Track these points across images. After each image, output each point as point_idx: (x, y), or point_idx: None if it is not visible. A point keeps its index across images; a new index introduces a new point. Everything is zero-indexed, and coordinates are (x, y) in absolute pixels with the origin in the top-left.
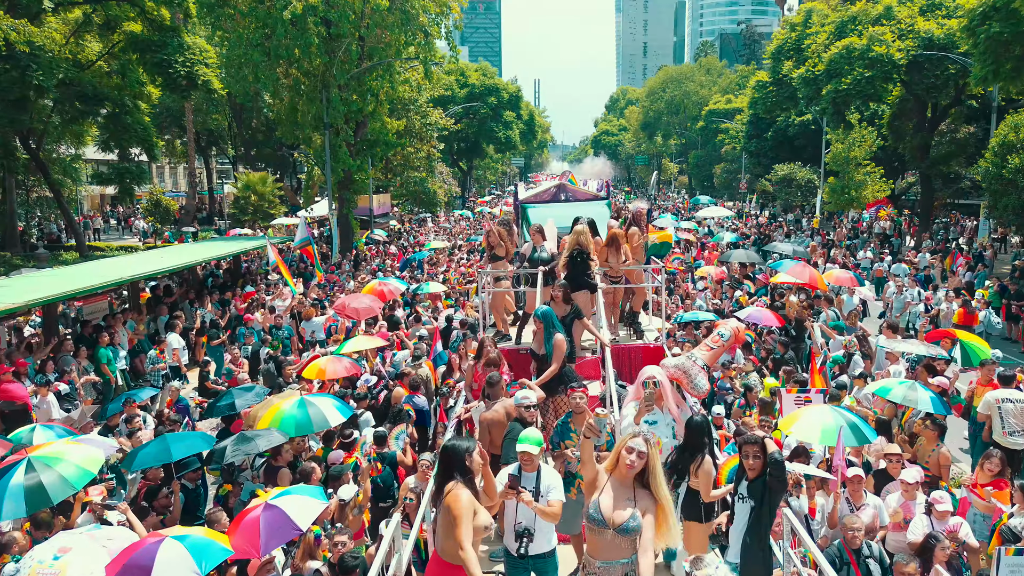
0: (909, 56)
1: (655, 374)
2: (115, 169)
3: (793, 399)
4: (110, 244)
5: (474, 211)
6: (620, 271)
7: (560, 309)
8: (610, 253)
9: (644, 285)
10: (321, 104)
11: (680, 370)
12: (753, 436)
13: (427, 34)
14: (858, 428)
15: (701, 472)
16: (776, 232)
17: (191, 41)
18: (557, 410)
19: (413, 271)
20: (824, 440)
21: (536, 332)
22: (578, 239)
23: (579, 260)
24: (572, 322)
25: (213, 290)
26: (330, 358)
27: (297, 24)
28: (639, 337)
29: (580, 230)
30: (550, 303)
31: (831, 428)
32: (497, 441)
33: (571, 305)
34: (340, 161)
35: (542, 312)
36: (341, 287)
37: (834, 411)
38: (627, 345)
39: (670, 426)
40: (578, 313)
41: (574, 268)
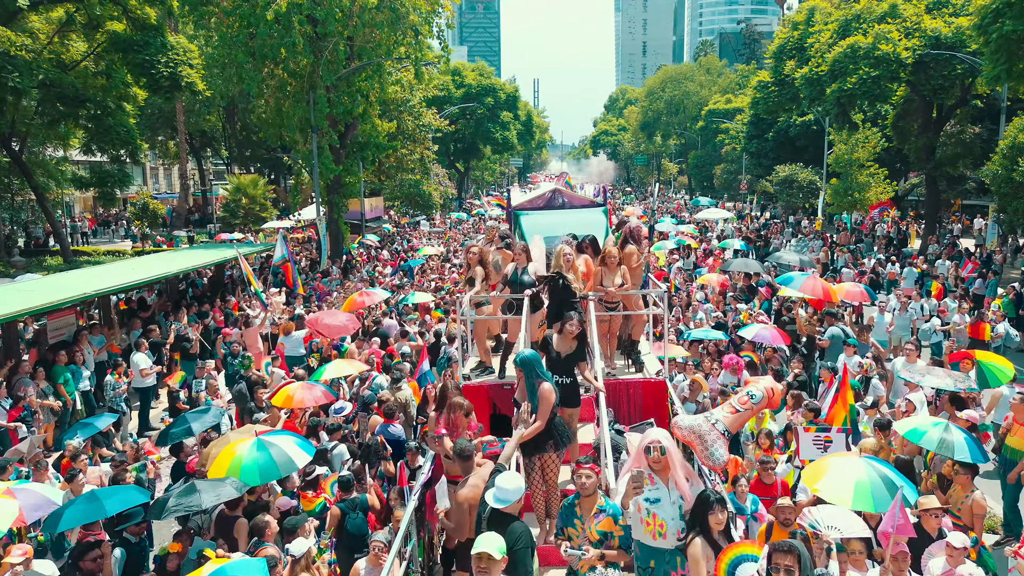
0: (916, 55)
1: (660, 439)
2: (96, 172)
3: (812, 440)
4: (98, 249)
5: (471, 212)
6: (616, 296)
7: (565, 345)
8: (604, 275)
9: (643, 312)
10: (307, 106)
11: (694, 434)
12: (786, 544)
13: (418, 33)
14: (888, 489)
15: (690, 557)
16: (776, 236)
17: (175, 41)
18: (545, 471)
19: (403, 279)
20: (859, 504)
21: (519, 380)
22: (557, 262)
23: (559, 286)
24: (575, 363)
25: (192, 301)
26: (301, 385)
27: (282, 22)
28: (638, 370)
29: (560, 251)
30: (550, 340)
31: (865, 488)
32: None
33: (579, 341)
34: (325, 166)
35: (522, 359)
36: (329, 294)
37: (867, 464)
38: (625, 379)
39: (677, 504)
40: (582, 352)
41: (554, 296)
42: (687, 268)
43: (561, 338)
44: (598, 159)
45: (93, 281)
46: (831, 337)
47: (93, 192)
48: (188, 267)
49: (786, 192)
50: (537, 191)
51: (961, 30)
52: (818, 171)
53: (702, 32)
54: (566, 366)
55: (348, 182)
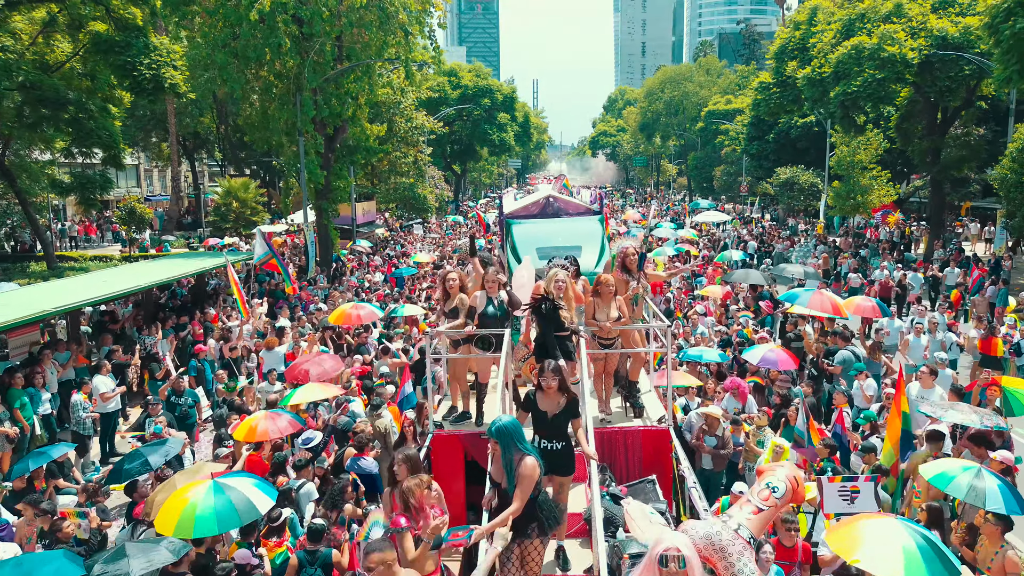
0: (922, 56)
1: (680, 546)
2: (77, 177)
3: (837, 491)
4: (84, 254)
5: (467, 216)
6: (612, 331)
7: (551, 402)
8: (597, 306)
9: (643, 350)
10: (293, 108)
11: (713, 547)
12: None
13: (408, 33)
14: (937, 555)
15: None
16: (778, 240)
17: (158, 42)
18: (526, 560)
19: (393, 288)
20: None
21: (493, 454)
22: (548, 287)
23: (547, 313)
24: (566, 423)
25: (170, 313)
26: (266, 414)
27: (266, 22)
28: (638, 415)
29: (553, 276)
30: (532, 397)
31: (915, 558)
32: None
33: (567, 396)
34: (311, 171)
35: (498, 429)
36: (313, 303)
37: (905, 527)
38: (622, 427)
39: None
40: (574, 409)
41: (541, 322)
42: (686, 276)
43: (544, 395)
44: (598, 160)
45: (60, 295)
46: (842, 362)
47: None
48: (165, 278)
49: (787, 195)
50: (530, 197)
51: (969, 30)
52: (819, 173)
53: (701, 32)
54: (555, 428)
55: (338, 187)
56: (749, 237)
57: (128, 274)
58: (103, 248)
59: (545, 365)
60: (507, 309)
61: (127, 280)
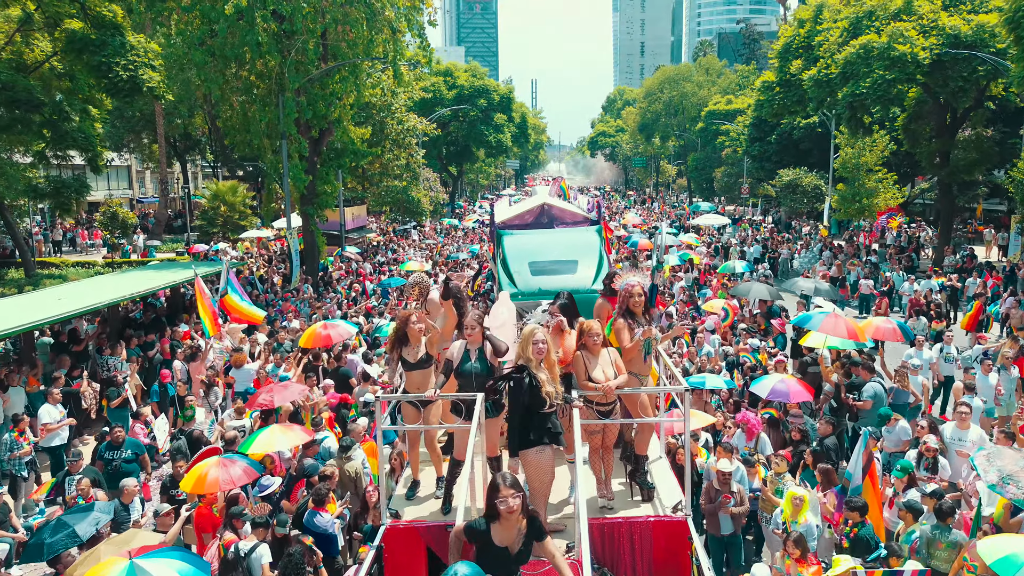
0: (933, 55)
1: None
2: (51, 182)
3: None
4: (66, 260)
5: (462, 220)
6: (611, 396)
7: (509, 533)
8: (589, 362)
9: (659, 420)
10: (275, 110)
11: None
12: None
13: (395, 31)
14: None
15: None
16: (784, 245)
17: (135, 41)
18: None
19: (380, 300)
20: None
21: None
22: (524, 351)
23: (523, 388)
24: (526, 558)
25: (138, 331)
26: (218, 461)
27: (245, 18)
28: (646, 498)
29: (530, 334)
30: (480, 530)
31: None
32: None
33: (526, 515)
34: (293, 176)
35: None
36: (298, 315)
37: None
38: (628, 518)
39: None
40: (538, 532)
41: (516, 399)
42: (688, 285)
43: (501, 524)
44: (597, 160)
45: (15, 313)
46: (872, 397)
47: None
48: (128, 295)
49: (790, 197)
50: (524, 205)
51: (983, 27)
52: (823, 175)
53: (700, 32)
54: (514, 568)
55: (324, 191)
56: (752, 241)
57: (89, 289)
58: (81, 254)
59: (499, 480)
60: (491, 365)
61: (85, 296)
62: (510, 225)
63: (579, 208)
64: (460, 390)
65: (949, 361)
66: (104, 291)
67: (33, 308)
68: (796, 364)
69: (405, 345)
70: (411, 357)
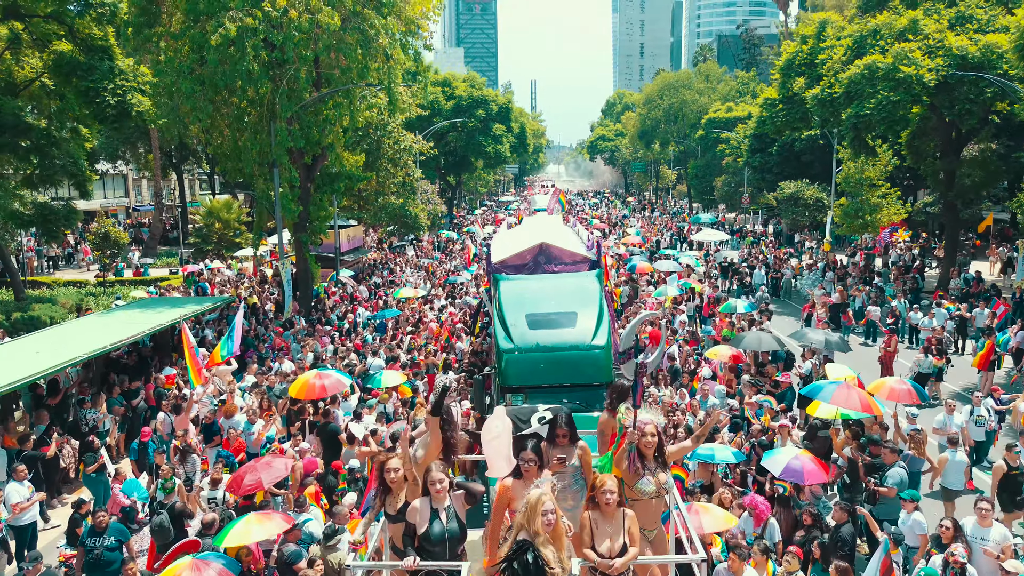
0: (940, 76)
1: None
2: (38, 208)
3: None
4: (58, 279)
5: (461, 232)
6: (622, 569)
7: None
8: (596, 527)
9: None
10: (267, 138)
11: None
12: None
13: (389, 57)
14: None
15: None
16: (785, 265)
17: (125, 65)
18: None
19: (373, 334)
20: None
21: None
22: (531, 523)
23: (533, 566)
24: None
25: (121, 376)
26: (191, 563)
27: (235, 46)
28: None
29: (536, 504)
30: None
31: None
32: None
33: None
34: (284, 205)
35: None
36: (287, 353)
37: None
38: None
39: None
40: None
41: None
42: (689, 313)
43: None
44: (597, 163)
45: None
46: (899, 484)
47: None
48: (115, 343)
49: (791, 210)
50: (522, 242)
51: (990, 48)
52: (825, 188)
53: (700, 34)
54: None
55: (318, 217)
56: (755, 261)
57: (71, 336)
58: (79, 270)
59: None
60: (463, 527)
61: (66, 345)
62: (508, 265)
63: (579, 240)
64: (431, 558)
65: (980, 424)
66: (86, 338)
67: (10, 363)
68: (806, 431)
69: (387, 494)
70: (391, 509)
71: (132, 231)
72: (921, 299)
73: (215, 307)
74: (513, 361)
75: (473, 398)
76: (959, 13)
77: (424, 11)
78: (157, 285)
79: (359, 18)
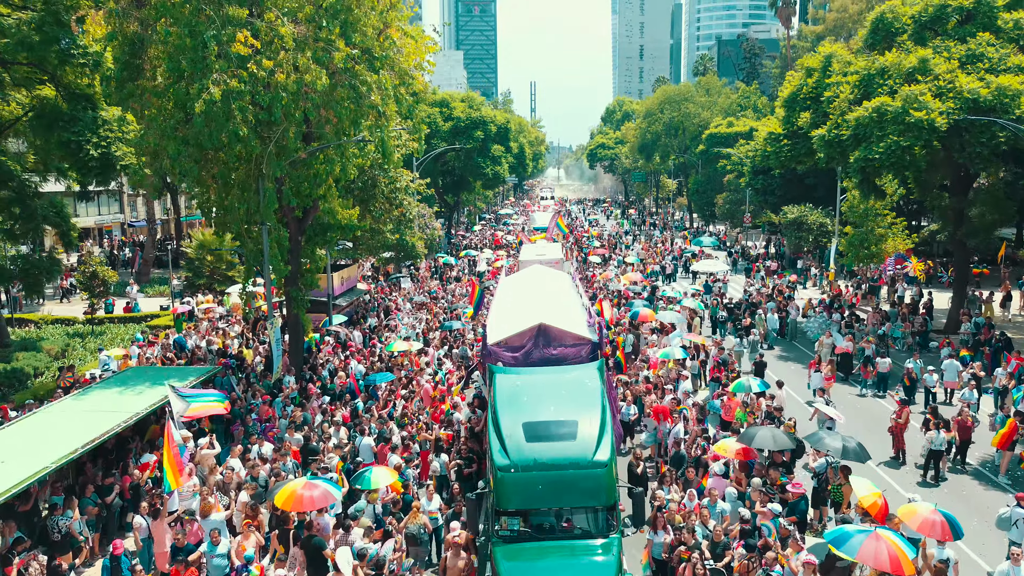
0: (951, 120)
1: None
2: (20, 262)
3: None
4: (46, 316)
5: (458, 256)
6: None
7: None
8: None
9: None
10: (255, 196)
11: None
12: None
13: (381, 114)
14: None
15: None
16: (790, 304)
17: (109, 115)
18: None
19: (367, 400)
20: None
21: None
22: None
23: None
24: None
25: (97, 463)
26: None
27: (221, 107)
28: None
29: None
30: None
31: None
32: None
33: None
34: (273, 266)
35: None
36: (273, 430)
37: None
38: None
39: None
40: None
41: None
42: (694, 372)
43: None
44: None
45: None
46: None
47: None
48: (93, 441)
49: (795, 235)
50: (520, 323)
51: (1003, 91)
52: (829, 213)
53: (700, 37)
54: None
55: (309, 270)
56: (760, 297)
57: (41, 437)
58: (70, 306)
59: None
60: None
61: (36, 451)
62: (506, 346)
63: (580, 311)
64: None
65: None
66: (59, 435)
67: None
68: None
69: None
70: None
71: (129, 247)
72: (930, 340)
73: (200, 379)
74: (510, 481)
75: (467, 518)
76: (970, 51)
77: (419, 61)
78: (145, 331)
79: (349, 74)
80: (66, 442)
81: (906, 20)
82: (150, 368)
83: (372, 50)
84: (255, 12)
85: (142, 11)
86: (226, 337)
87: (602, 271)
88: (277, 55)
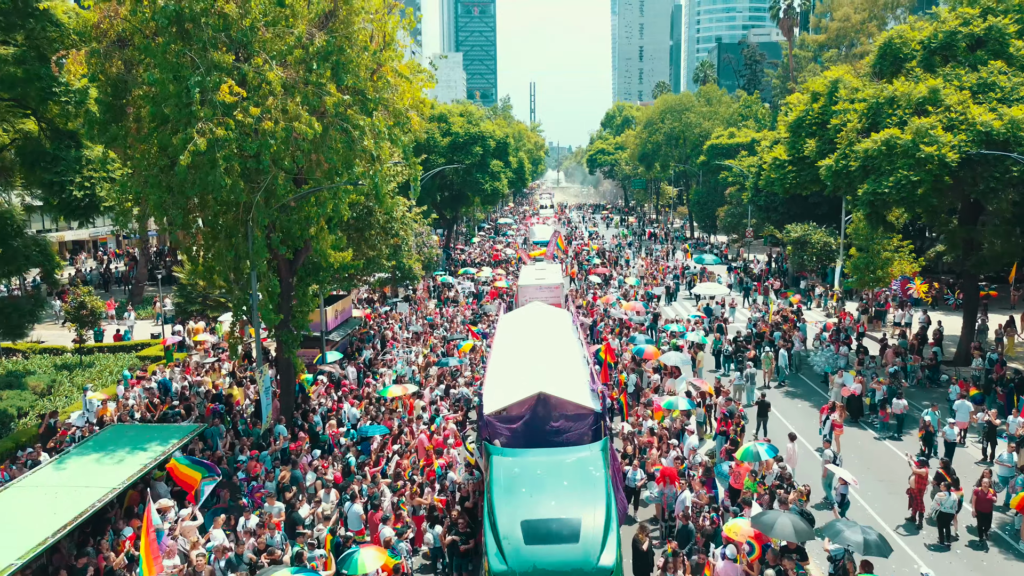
0: (963, 153)
1: None
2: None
3: None
4: (35, 344)
5: (456, 274)
6: None
7: None
8: None
9: None
10: (244, 243)
11: None
12: None
13: (375, 159)
14: None
15: None
16: (795, 332)
17: (94, 153)
18: None
19: (359, 456)
20: None
21: None
22: None
23: None
24: None
25: (73, 541)
26: None
27: (206, 156)
28: None
29: None
30: None
31: None
32: None
33: None
34: (263, 316)
35: None
36: (262, 496)
37: None
38: None
39: None
40: None
41: None
42: (700, 421)
43: None
44: (596, 175)
45: None
46: None
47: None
48: (74, 520)
49: (799, 255)
50: (519, 392)
51: (1016, 124)
52: (834, 232)
53: (700, 39)
54: None
55: (301, 312)
56: (765, 327)
57: (17, 518)
58: (63, 332)
59: None
60: None
61: (14, 532)
62: (504, 417)
63: (583, 372)
64: None
65: None
66: (34, 519)
67: None
68: None
69: None
70: None
71: (122, 260)
72: (941, 374)
73: (185, 440)
74: None
75: None
76: (981, 80)
77: (415, 99)
78: (133, 366)
79: (341, 117)
80: (39, 527)
81: (915, 46)
82: (131, 428)
83: (365, 91)
84: (241, 56)
85: (125, 52)
86: (216, 375)
87: (603, 293)
88: (265, 101)
